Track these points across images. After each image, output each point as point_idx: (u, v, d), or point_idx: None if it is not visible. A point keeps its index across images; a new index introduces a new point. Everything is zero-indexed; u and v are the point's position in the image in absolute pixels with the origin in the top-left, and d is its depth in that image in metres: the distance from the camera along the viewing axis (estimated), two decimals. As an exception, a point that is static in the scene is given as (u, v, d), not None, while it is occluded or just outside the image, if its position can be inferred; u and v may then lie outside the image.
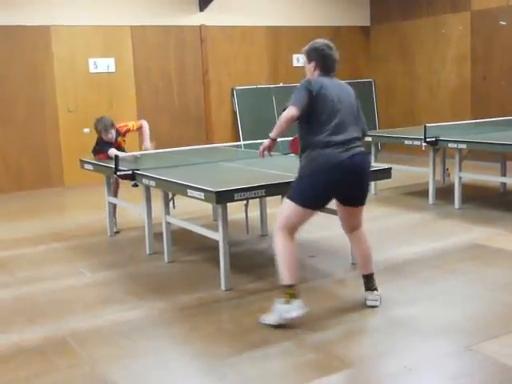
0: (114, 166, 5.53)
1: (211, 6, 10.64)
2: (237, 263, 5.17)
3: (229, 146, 8.04)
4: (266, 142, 4.25)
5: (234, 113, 11.15)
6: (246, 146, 7.63)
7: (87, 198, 7.33)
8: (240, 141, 10.58)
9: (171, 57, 10.63)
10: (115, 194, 6.77)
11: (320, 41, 4.33)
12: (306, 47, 4.36)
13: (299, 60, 11.77)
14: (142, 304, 4.54)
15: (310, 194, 4.04)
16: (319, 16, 11.92)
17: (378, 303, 4.27)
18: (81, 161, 6.68)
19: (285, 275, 4.05)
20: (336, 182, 4.00)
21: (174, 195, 5.57)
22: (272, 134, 4.19)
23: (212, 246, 5.20)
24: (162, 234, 5.55)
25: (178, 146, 7.59)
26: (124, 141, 6.81)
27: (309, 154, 4.06)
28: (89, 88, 9.98)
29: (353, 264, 5.24)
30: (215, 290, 4.74)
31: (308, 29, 11.75)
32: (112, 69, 10.11)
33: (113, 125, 6.57)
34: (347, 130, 4.07)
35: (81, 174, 7.16)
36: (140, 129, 6.83)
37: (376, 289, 4.32)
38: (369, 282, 4.34)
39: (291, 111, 4.00)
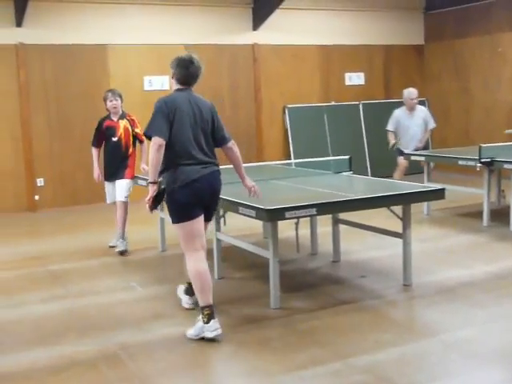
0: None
1: (264, 24, 10.73)
2: (286, 281, 5.16)
3: (280, 164, 8.04)
4: (150, 191, 4.18)
5: (286, 131, 11.18)
6: (296, 164, 7.63)
7: (139, 214, 7.41)
8: (291, 159, 10.59)
9: (224, 75, 10.75)
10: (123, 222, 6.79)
11: (184, 55, 4.40)
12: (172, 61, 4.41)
13: (351, 78, 11.76)
14: (192, 320, 4.56)
15: (177, 210, 4.23)
16: (372, 34, 11.88)
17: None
18: (134, 177, 6.79)
19: (199, 298, 4.27)
20: (190, 199, 4.19)
21: (224, 212, 5.59)
22: (150, 178, 4.19)
23: (262, 264, 5.20)
24: (211, 250, 5.58)
25: (228, 163, 7.62)
26: (129, 134, 6.67)
27: (167, 174, 4.23)
28: (143, 105, 10.09)
29: (405, 285, 5.16)
30: (264, 307, 4.73)
31: (360, 47, 11.74)
32: (166, 86, 10.26)
33: (120, 95, 6.75)
34: (199, 150, 4.30)
35: (133, 190, 7.25)
36: (141, 142, 6.73)
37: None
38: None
39: (157, 141, 4.12)
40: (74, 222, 8.75)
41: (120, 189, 6.68)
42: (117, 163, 6.66)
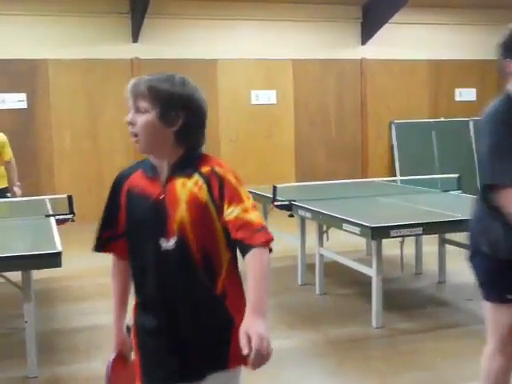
0: (272, 196, 5.67)
1: (373, 39, 10.66)
2: (389, 300, 5.06)
3: (385, 181, 7.94)
4: None
5: (391, 147, 11.02)
6: (402, 181, 7.51)
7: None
8: (396, 175, 10.43)
9: (330, 90, 10.75)
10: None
11: None
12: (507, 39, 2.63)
13: (462, 94, 11.45)
14: (293, 334, 4.58)
15: None
16: (485, 49, 11.46)
17: None
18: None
19: None
20: None
21: (328, 228, 5.58)
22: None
23: (364, 281, 5.14)
24: (313, 264, 5.58)
25: (332, 178, 7.64)
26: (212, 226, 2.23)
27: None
28: (250, 119, 10.34)
29: (514, 311, 4.94)
30: (366, 326, 4.68)
31: (473, 62, 11.39)
32: (273, 101, 10.42)
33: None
34: None
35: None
36: (244, 249, 2.07)
37: None
38: None
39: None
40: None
41: None
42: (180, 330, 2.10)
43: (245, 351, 1.80)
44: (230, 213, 1.98)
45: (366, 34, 10.70)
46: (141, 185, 2.10)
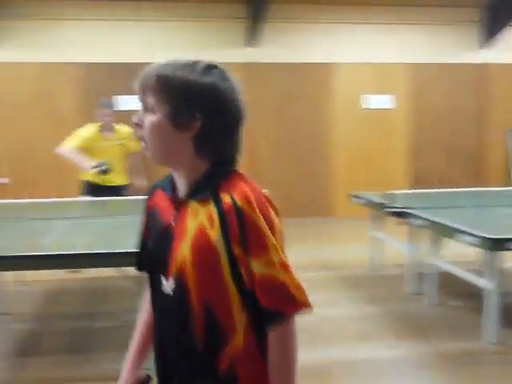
0: (383, 202, 5.57)
1: (493, 42, 10.24)
2: (506, 316, 4.82)
3: (505, 191, 7.57)
4: None
5: (510, 154, 10.52)
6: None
7: (354, 230, 7.48)
8: (515, 185, 9.95)
9: (447, 94, 10.41)
10: None
11: None
12: None
13: None
14: (400, 344, 4.47)
15: None
16: None
17: None
18: (352, 196, 6.82)
19: None
20: None
21: (441, 237, 5.40)
22: None
23: (477, 294, 4.93)
24: (423, 274, 5.42)
25: (446, 185, 7.39)
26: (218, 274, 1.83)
27: None
28: (362, 123, 10.22)
29: None
30: (479, 341, 4.48)
31: None
32: (387, 105, 10.23)
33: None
34: None
35: (351, 205, 7.30)
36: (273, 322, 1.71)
37: None
38: None
39: None
40: (290, 234, 8.97)
41: None
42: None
43: None
44: (251, 266, 1.51)
45: (486, 37, 10.29)
46: (160, 205, 1.65)
